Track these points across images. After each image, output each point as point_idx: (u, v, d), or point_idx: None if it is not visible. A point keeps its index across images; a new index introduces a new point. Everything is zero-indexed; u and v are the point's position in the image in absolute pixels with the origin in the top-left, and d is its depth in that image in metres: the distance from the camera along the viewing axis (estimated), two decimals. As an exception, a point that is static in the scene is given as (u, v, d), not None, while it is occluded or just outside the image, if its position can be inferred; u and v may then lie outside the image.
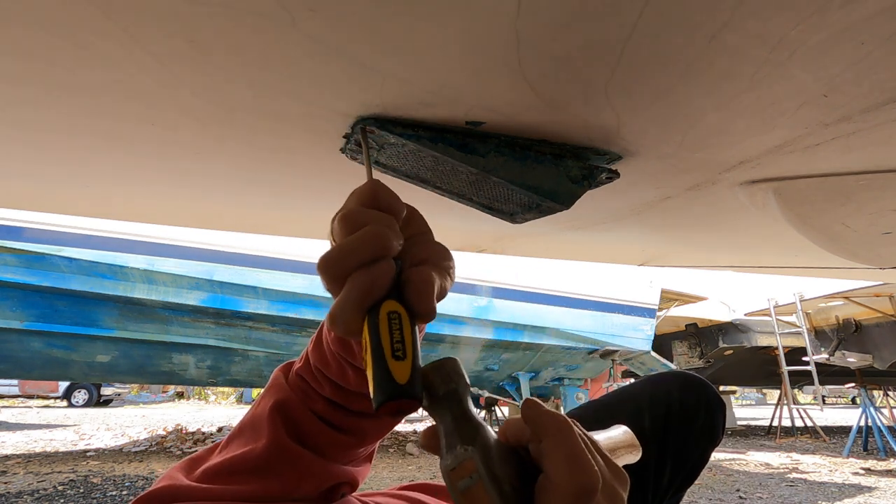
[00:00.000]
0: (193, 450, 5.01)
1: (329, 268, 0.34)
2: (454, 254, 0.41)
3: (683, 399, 0.82)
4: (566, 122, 0.55)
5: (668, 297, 6.82)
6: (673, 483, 0.80)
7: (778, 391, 8.69)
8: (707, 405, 0.82)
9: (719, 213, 0.91)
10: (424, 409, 0.33)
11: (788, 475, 4.30)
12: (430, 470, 4.28)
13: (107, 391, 13.87)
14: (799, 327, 6.31)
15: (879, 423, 5.56)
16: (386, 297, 0.33)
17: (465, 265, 4.63)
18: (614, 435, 0.53)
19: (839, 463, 4.98)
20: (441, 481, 0.41)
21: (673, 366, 6.82)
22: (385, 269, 0.34)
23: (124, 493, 3.27)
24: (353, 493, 0.53)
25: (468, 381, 0.34)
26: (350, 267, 0.33)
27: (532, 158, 0.59)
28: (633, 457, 0.53)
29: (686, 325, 7.91)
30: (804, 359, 6.25)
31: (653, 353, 5.75)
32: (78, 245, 3.68)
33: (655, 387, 0.84)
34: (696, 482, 0.84)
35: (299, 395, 0.50)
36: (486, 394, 5.45)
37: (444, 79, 0.47)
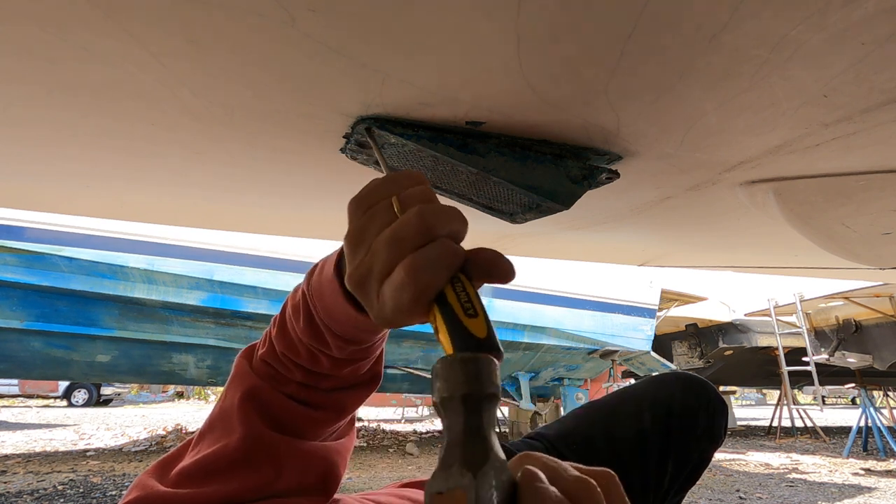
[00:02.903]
0: (193, 450, 4.98)
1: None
2: None
3: (685, 400, 0.82)
4: (566, 122, 0.55)
5: (668, 297, 6.81)
6: (674, 484, 0.81)
7: (778, 391, 8.68)
8: (708, 406, 0.82)
9: (719, 213, 0.91)
10: (434, 403, 0.28)
11: (788, 475, 4.30)
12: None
13: (107, 391, 13.85)
14: (799, 328, 6.30)
15: (879, 424, 5.56)
16: None
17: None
18: None
19: (839, 463, 4.98)
20: None
21: (673, 366, 6.81)
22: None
23: (124, 492, 3.27)
24: (351, 496, 0.53)
25: (499, 388, 0.28)
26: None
27: (532, 158, 0.59)
28: None
29: (686, 326, 7.90)
30: (804, 359, 6.25)
31: (653, 354, 5.74)
32: (78, 245, 3.68)
33: (657, 388, 0.84)
34: (697, 482, 0.84)
35: (268, 381, 0.47)
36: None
37: (444, 79, 0.47)
